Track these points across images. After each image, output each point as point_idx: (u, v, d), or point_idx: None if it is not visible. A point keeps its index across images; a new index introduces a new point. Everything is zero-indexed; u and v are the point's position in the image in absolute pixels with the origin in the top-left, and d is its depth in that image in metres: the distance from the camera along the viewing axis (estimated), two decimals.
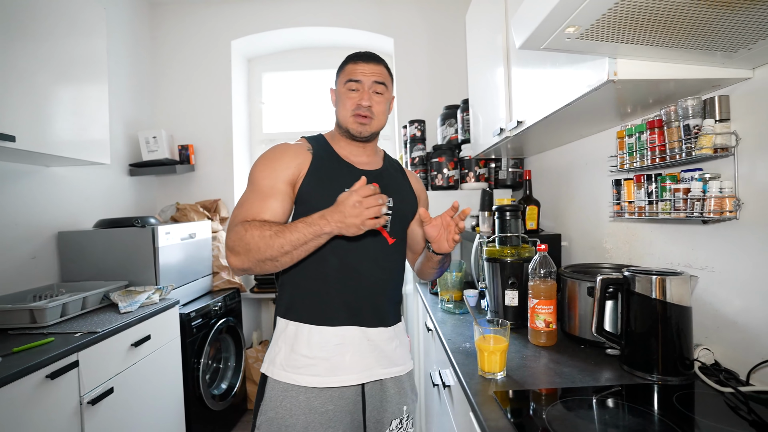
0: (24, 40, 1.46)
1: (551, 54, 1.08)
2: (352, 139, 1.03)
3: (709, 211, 0.90)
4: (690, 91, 0.95)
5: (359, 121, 0.99)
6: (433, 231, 0.95)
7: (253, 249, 0.85)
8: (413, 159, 2.21)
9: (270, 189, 0.94)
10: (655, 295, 0.91)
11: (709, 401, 0.82)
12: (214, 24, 2.72)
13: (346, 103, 1.00)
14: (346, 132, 1.02)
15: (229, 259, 0.89)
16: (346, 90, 1.00)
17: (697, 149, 0.90)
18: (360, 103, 0.99)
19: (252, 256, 0.85)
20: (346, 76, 1.01)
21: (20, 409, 1.10)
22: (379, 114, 1.01)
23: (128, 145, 2.46)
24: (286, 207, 0.95)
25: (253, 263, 0.86)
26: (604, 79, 0.85)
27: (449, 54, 2.68)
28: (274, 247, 0.84)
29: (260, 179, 0.95)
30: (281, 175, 0.95)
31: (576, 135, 1.48)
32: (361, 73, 0.99)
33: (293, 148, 1.00)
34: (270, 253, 0.84)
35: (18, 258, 1.73)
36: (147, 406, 1.61)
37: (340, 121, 1.02)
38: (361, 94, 0.99)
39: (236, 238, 0.87)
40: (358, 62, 1.01)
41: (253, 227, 0.86)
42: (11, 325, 1.42)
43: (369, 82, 0.99)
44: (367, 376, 0.96)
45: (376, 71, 1.00)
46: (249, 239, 0.85)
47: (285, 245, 0.83)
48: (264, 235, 0.85)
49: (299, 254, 0.86)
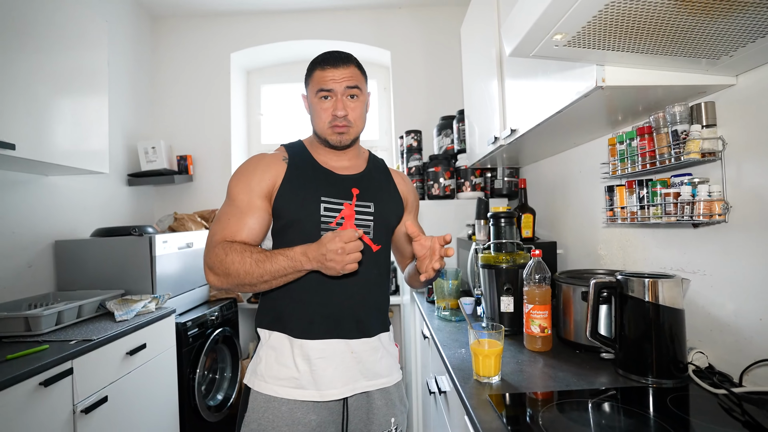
0: (26, 51, 1.48)
1: (543, 64, 1.11)
2: (332, 147, 1.00)
3: (698, 215, 0.92)
4: (677, 97, 0.97)
5: (337, 131, 0.95)
6: (420, 250, 0.90)
7: (232, 274, 0.86)
8: (410, 169, 2.23)
9: (246, 206, 0.93)
10: (648, 299, 0.91)
11: (703, 403, 0.82)
12: (214, 37, 2.77)
13: (321, 115, 0.95)
14: (325, 142, 0.99)
15: (208, 277, 0.90)
16: (318, 100, 0.95)
17: (686, 154, 0.92)
18: (335, 113, 0.93)
19: (231, 280, 0.87)
20: (316, 85, 0.95)
21: (13, 416, 1.09)
22: (356, 120, 0.97)
23: (127, 155, 2.48)
24: (263, 222, 0.95)
25: (231, 286, 0.89)
26: (592, 86, 0.87)
27: (445, 66, 2.73)
28: (253, 275, 0.85)
29: (236, 194, 0.94)
30: (256, 189, 0.94)
31: (569, 144, 1.51)
32: (331, 80, 0.93)
33: (267, 159, 0.98)
34: (249, 280, 0.86)
35: (14, 266, 1.73)
36: (141, 416, 1.59)
37: (317, 132, 0.99)
38: (334, 103, 0.94)
39: (216, 260, 0.88)
40: (326, 68, 0.94)
41: (233, 252, 0.87)
42: (6, 332, 1.41)
43: (341, 88, 0.93)
44: (350, 390, 0.94)
45: (346, 75, 0.94)
46: (229, 264, 0.86)
47: (264, 275, 0.85)
48: (244, 262, 0.86)
49: (278, 283, 0.88)
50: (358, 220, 0.97)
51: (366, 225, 0.98)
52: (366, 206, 0.99)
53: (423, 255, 0.90)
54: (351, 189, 0.99)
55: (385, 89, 3.00)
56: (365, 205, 0.99)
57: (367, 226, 0.98)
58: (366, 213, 0.99)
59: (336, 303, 0.94)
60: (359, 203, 0.98)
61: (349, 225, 0.96)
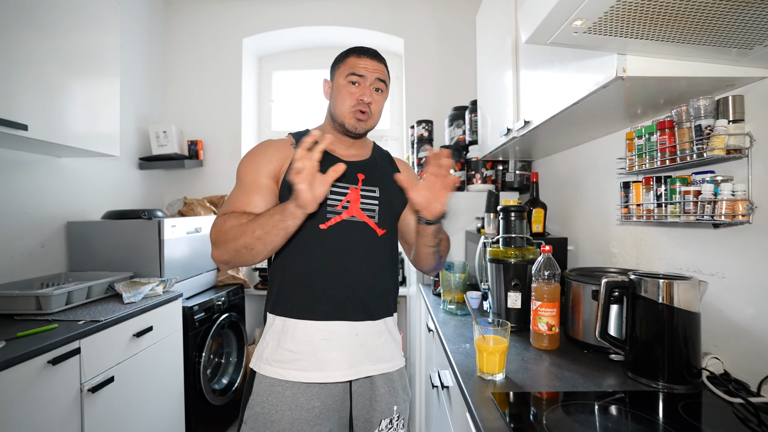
0: (39, 33, 1.48)
1: (559, 53, 1.07)
2: (345, 134, 1.01)
3: (720, 215, 0.88)
4: (702, 90, 0.92)
5: (358, 116, 0.97)
6: (419, 197, 0.88)
7: (230, 238, 0.85)
8: (420, 159, 2.19)
9: (252, 184, 0.94)
10: (662, 300, 0.88)
11: (717, 412, 0.79)
12: (226, 21, 2.75)
13: (345, 98, 0.97)
14: (341, 126, 1.00)
15: (212, 252, 0.90)
16: (346, 83, 0.97)
17: (709, 150, 0.88)
18: (362, 98, 0.96)
19: (230, 246, 0.86)
20: (348, 68, 0.98)
21: (22, 392, 1.11)
22: (376, 113, 1.00)
23: (139, 139, 2.49)
24: (268, 201, 0.94)
25: (231, 254, 0.86)
26: (612, 76, 0.83)
27: (459, 55, 2.67)
28: (246, 232, 0.83)
29: (244, 176, 0.96)
30: (263, 169, 0.95)
31: (585, 137, 1.46)
32: (364, 68, 0.97)
33: (276, 144, 1.00)
34: (244, 240, 0.84)
35: (27, 246, 1.76)
36: (147, 397, 1.62)
37: (336, 115, 1.00)
38: (362, 89, 0.97)
39: (216, 230, 0.89)
40: (362, 56, 0.98)
41: (231, 218, 0.88)
42: (18, 310, 1.44)
43: (372, 78, 0.98)
44: (354, 373, 0.94)
45: (378, 69, 0.99)
46: (227, 229, 0.86)
47: (256, 229, 0.83)
48: (240, 222, 0.85)
49: (272, 240, 0.83)
50: (363, 204, 0.98)
51: (371, 209, 1.00)
52: (371, 191, 1.01)
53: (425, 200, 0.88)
54: (357, 174, 1.01)
55: (398, 78, 2.95)
56: (371, 189, 1.01)
57: (372, 210, 1.00)
58: (371, 197, 1.00)
59: (341, 285, 0.94)
60: (365, 188, 1.00)
61: (354, 208, 0.97)
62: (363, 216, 0.98)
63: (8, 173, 1.69)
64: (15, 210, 1.72)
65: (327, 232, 0.94)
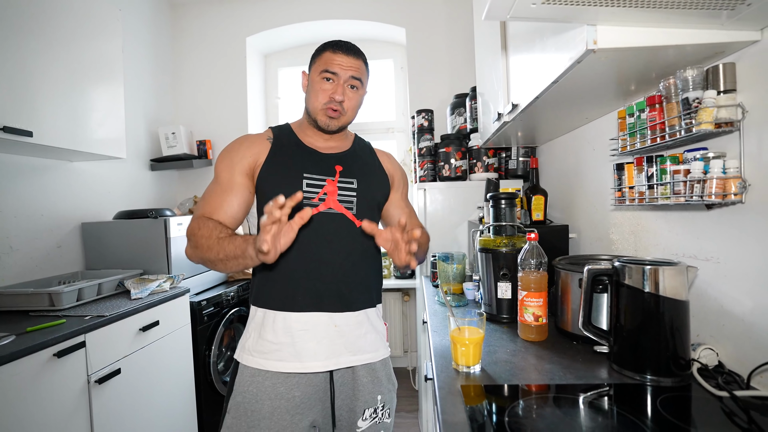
0: (43, 41, 1.55)
1: (539, 33, 1.01)
2: (318, 129, 1.01)
3: (710, 194, 0.81)
4: (691, 60, 0.85)
5: (329, 114, 0.97)
6: (385, 245, 0.84)
7: (200, 247, 0.88)
8: (420, 150, 2.16)
9: (228, 182, 0.96)
10: (647, 288, 0.82)
11: (701, 406, 0.73)
12: (230, 21, 2.79)
13: (318, 94, 0.97)
14: (314, 122, 1.00)
15: (186, 248, 0.93)
16: (320, 80, 0.97)
17: (697, 125, 0.81)
18: (333, 96, 0.96)
19: (198, 254, 0.89)
20: (322, 65, 0.97)
21: (30, 382, 1.18)
22: (350, 110, 0.99)
23: (149, 141, 2.58)
24: (243, 200, 0.96)
25: (199, 259, 0.90)
26: (583, 50, 0.78)
27: (462, 43, 2.59)
28: (212, 249, 0.86)
29: (219, 172, 0.98)
30: (237, 167, 0.96)
31: (581, 119, 1.38)
32: (338, 65, 0.96)
33: (251, 138, 1.01)
34: (209, 256, 0.87)
35: (44, 246, 1.86)
36: (156, 388, 1.68)
37: (310, 111, 1.00)
38: (335, 86, 0.96)
39: (191, 232, 0.91)
40: (337, 52, 0.97)
41: (205, 227, 0.89)
42: (32, 307, 1.53)
43: (346, 76, 0.96)
44: (334, 363, 0.94)
45: (354, 65, 0.97)
46: (199, 237, 0.88)
47: (220, 253, 0.85)
48: (211, 237, 0.87)
49: (232, 267, 0.86)
50: (340, 196, 0.98)
51: (349, 201, 0.99)
52: (349, 182, 1.00)
53: (390, 250, 0.85)
54: (334, 166, 1.01)
55: (402, 68, 2.90)
56: (348, 181, 1.00)
57: (350, 201, 0.99)
58: (349, 189, 1.00)
59: (318, 277, 0.94)
60: (342, 179, 0.99)
61: (331, 201, 0.97)
62: (340, 208, 0.97)
63: (24, 178, 1.79)
64: (32, 212, 1.82)
65: (304, 224, 0.94)
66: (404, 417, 2.29)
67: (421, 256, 1.05)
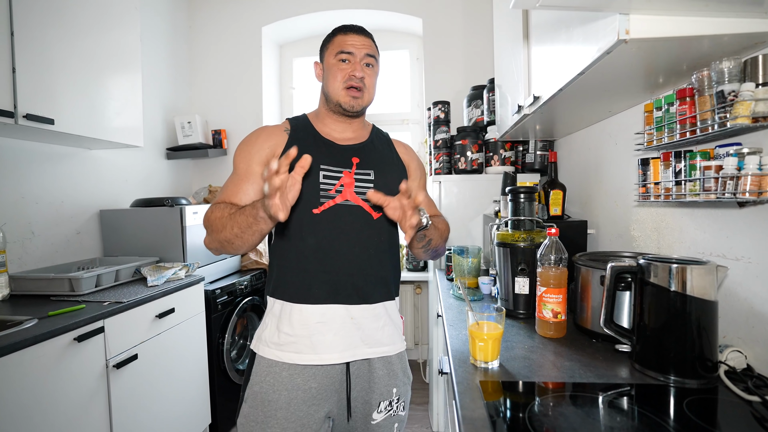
0: (65, 32, 1.56)
1: (565, 23, 0.98)
2: (342, 114, 1.00)
3: (744, 191, 0.78)
4: (728, 50, 0.81)
5: (352, 94, 0.97)
6: (393, 214, 0.84)
7: (215, 229, 0.88)
8: (436, 142, 2.13)
9: (245, 172, 0.96)
10: (674, 287, 0.80)
11: (730, 410, 0.71)
12: (245, 11, 2.78)
13: (337, 75, 0.97)
14: (337, 106, 0.99)
15: (204, 238, 0.93)
16: (336, 62, 0.97)
17: (732, 119, 0.77)
18: (353, 74, 0.96)
19: (214, 237, 0.89)
20: (336, 47, 0.98)
21: (52, 365, 1.21)
22: (370, 86, 1.00)
23: (166, 130, 2.60)
24: (260, 188, 0.95)
25: (216, 244, 0.90)
26: (614, 40, 0.75)
27: (479, 33, 2.54)
28: (227, 227, 0.85)
29: (238, 163, 0.98)
30: (255, 157, 0.96)
31: (604, 112, 1.35)
32: (351, 44, 0.97)
33: (269, 129, 1.01)
34: (225, 234, 0.86)
35: (64, 233, 1.90)
36: (171, 374, 1.71)
37: (331, 95, 0.99)
38: (353, 65, 0.97)
39: (206, 218, 0.92)
40: (348, 33, 0.98)
41: (218, 208, 0.89)
42: (53, 292, 1.57)
43: (361, 54, 0.97)
44: (350, 355, 0.94)
45: (366, 44, 0.98)
46: (213, 219, 0.89)
47: (234, 227, 0.84)
48: (223, 215, 0.87)
49: (248, 238, 0.85)
50: (357, 188, 0.97)
51: (365, 193, 0.96)
52: (366, 174, 0.99)
53: (399, 218, 0.85)
54: (351, 158, 1.00)
55: (418, 59, 2.87)
56: (365, 173, 0.99)
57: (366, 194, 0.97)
58: (366, 181, 0.99)
59: (334, 269, 0.94)
60: (359, 171, 0.99)
61: (348, 192, 0.96)
62: (358, 200, 0.97)
63: (44, 165, 1.82)
64: (52, 200, 1.85)
65: (320, 216, 0.94)
66: (414, 409, 2.29)
67: (440, 245, 1.03)
